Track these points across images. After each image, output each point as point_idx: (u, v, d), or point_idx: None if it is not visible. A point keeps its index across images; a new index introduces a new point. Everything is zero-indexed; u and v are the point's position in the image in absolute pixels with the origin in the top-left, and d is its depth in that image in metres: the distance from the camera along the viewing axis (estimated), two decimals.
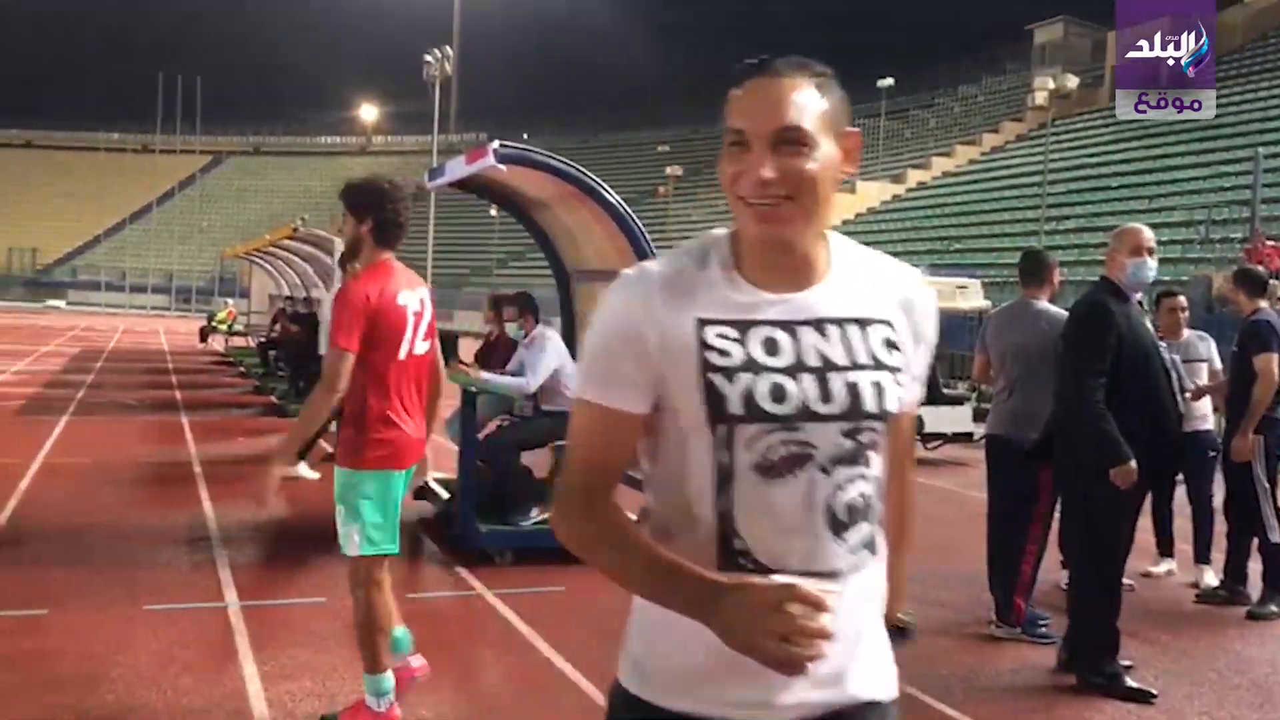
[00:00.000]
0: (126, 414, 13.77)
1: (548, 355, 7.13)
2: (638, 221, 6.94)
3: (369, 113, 78.74)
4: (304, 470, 9.37)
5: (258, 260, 25.31)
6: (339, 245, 13.71)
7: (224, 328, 27.48)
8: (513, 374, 7.32)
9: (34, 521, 7.50)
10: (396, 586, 6.36)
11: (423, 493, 8.21)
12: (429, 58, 40.18)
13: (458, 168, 7.60)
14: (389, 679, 4.09)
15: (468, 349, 8.61)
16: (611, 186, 7.00)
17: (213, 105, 77.89)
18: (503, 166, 6.67)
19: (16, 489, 8.48)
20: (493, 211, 52.86)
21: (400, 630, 4.30)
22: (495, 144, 6.66)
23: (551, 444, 7.52)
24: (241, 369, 20.71)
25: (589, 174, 6.84)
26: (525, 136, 62.78)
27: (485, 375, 7.36)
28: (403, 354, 4.07)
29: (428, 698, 4.53)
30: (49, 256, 71.16)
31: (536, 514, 7.06)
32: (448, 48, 40.70)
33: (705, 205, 56.55)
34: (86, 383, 17.74)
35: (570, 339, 8.21)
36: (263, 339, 20.13)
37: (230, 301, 32.42)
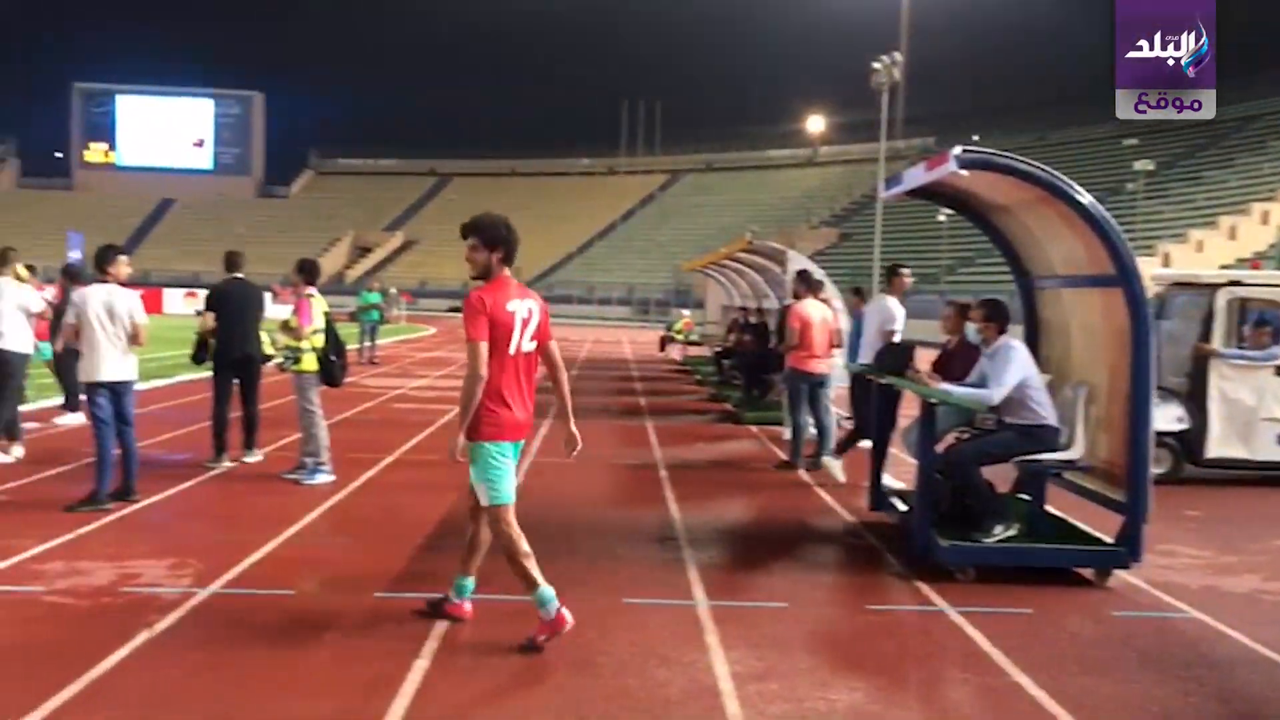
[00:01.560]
0: (598, 418, 14.90)
1: (1013, 366, 6.83)
2: (1114, 224, 6.48)
3: (816, 124, 79.82)
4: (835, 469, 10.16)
5: (711, 272, 26.45)
6: (792, 257, 14.05)
7: (681, 337, 28.97)
8: (974, 385, 7.09)
9: (527, 513, 8.22)
10: (854, 596, 6.41)
11: (880, 502, 8.19)
12: (876, 64, 40.06)
13: (916, 175, 7.47)
14: (546, 590, 5.11)
15: (925, 358, 8.45)
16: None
17: (671, 127, 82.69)
18: (964, 172, 6.48)
19: None
20: (941, 216, 51.73)
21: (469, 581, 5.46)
22: (958, 149, 6.48)
23: (1015, 459, 7.20)
24: (698, 377, 21.70)
25: (1059, 175, 6.48)
26: (975, 138, 60.81)
27: (945, 386, 7.18)
28: (512, 350, 5.08)
29: (893, 711, 4.49)
30: (529, 273, 78.57)
31: (1000, 531, 6.78)
32: (895, 53, 40.33)
33: (1180, 200, 51.87)
34: None
35: (1034, 348, 7.83)
36: (718, 348, 20.98)
37: (687, 312, 34.12)
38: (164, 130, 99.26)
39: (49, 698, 4.27)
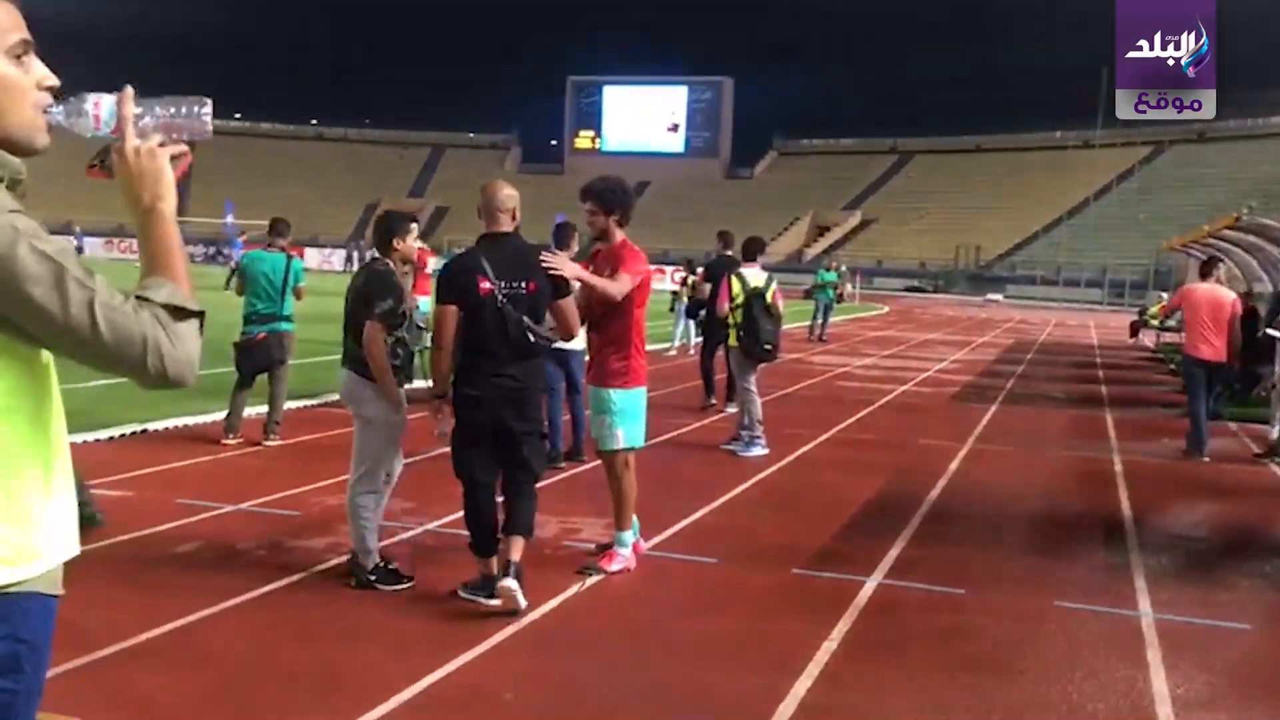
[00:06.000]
0: (1051, 406, 14.00)
1: None
2: None
3: None
4: None
5: (1195, 253, 24.03)
6: None
7: (1156, 323, 26.60)
8: None
9: (958, 502, 7.95)
10: None
11: None
12: None
13: None
14: (629, 535, 5.77)
15: None
16: None
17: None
18: None
19: (947, 469, 9.09)
20: None
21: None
22: None
23: None
24: (1171, 366, 19.82)
25: None
26: None
27: None
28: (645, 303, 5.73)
29: None
30: (991, 253, 75.53)
31: None
32: None
33: None
34: (1016, 373, 18.47)
35: None
36: None
37: (1165, 295, 31.26)
38: (642, 117, 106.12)
39: (496, 633, 4.70)
